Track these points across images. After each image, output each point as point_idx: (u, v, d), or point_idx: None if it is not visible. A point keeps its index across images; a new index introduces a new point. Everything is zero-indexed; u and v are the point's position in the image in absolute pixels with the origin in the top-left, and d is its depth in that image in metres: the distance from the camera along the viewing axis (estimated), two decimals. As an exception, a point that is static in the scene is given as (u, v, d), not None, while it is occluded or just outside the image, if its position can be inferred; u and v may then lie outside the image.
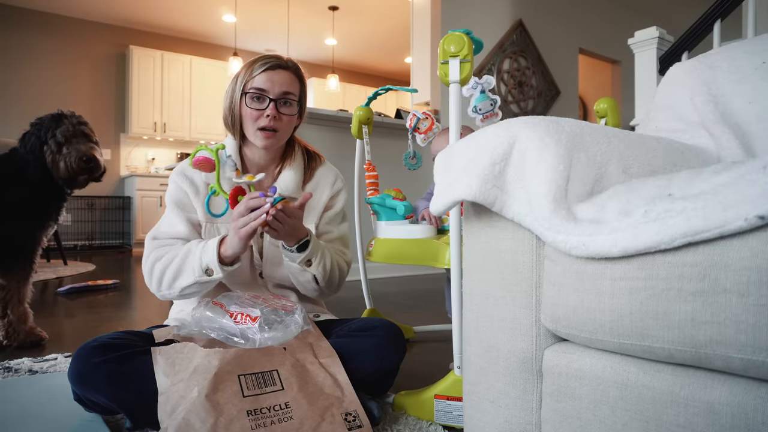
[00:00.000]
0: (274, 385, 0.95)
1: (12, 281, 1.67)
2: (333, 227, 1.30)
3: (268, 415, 0.91)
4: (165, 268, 1.11)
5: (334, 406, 0.95)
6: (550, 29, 4.96)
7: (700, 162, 0.78)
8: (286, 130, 1.18)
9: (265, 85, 1.12)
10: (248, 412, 0.90)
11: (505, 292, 0.64)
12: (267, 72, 1.12)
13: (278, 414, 0.91)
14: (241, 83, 1.14)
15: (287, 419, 0.91)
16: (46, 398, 1.16)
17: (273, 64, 1.13)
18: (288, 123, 1.17)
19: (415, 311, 2.33)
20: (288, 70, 1.15)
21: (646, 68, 2.67)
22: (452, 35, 1.01)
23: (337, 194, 1.30)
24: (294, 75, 1.17)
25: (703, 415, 0.47)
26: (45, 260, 4.30)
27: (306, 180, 1.25)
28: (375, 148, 1.71)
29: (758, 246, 0.42)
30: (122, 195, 6.18)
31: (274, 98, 1.12)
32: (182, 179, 1.18)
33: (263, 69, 1.12)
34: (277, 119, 1.13)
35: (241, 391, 0.92)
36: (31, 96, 5.71)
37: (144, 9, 5.89)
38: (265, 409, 0.91)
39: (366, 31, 6.61)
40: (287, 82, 1.14)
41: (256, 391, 0.93)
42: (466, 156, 0.65)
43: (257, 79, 1.12)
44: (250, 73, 1.13)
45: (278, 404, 0.93)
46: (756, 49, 0.85)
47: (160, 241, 1.16)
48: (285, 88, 1.13)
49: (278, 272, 1.20)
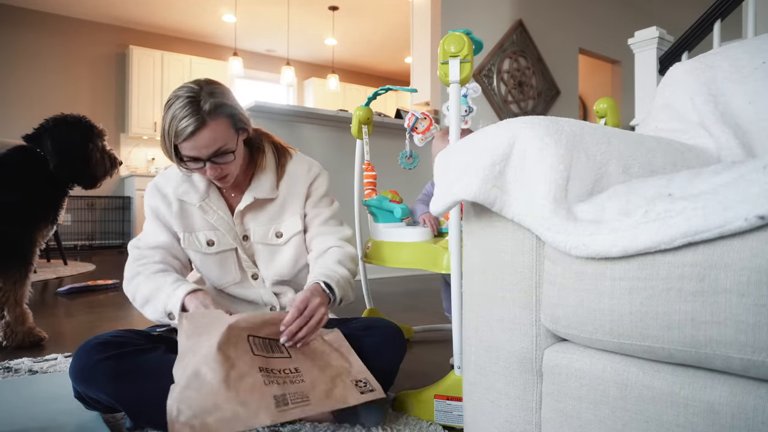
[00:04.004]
0: (281, 353, 0.95)
1: (9, 282, 1.67)
2: (323, 208, 1.27)
3: (279, 376, 0.89)
4: (136, 291, 1.12)
5: (343, 374, 0.95)
6: (550, 29, 4.96)
7: (700, 162, 0.78)
8: (234, 169, 1.14)
9: (192, 153, 1.06)
10: (260, 368, 0.88)
11: (505, 292, 0.64)
12: (189, 141, 1.04)
13: (289, 376, 0.89)
14: (171, 147, 1.06)
15: (299, 381, 0.89)
16: (46, 398, 1.16)
17: (191, 130, 1.03)
18: (233, 164, 1.12)
19: (415, 311, 2.32)
20: (207, 125, 1.04)
21: (646, 68, 2.67)
22: (452, 35, 1.01)
23: (314, 180, 1.26)
24: (216, 120, 1.05)
25: (703, 415, 0.47)
26: (45, 260, 4.30)
27: (279, 177, 1.23)
28: (375, 148, 1.71)
29: (758, 246, 0.42)
30: (122, 195, 6.18)
31: (206, 159, 1.07)
32: (156, 194, 1.19)
33: (185, 138, 1.04)
34: (220, 171, 1.10)
35: (251, 349, 0.92)
36: (31, 96, 5.71)
37: (144, 9, 5.89)
38: (275, 370, 0.90)
39: (366, 31, 6.61)
40: (212, 141, 1.05)
41: (265, 353, 0.93)
42: (466, 156, 0.65)
43: (184, 147, 1.06)
44: (174, 138, 1.04)
45: (288, 368, 0.91)
46: (756, 49, 0.85)
47: (141, 251, 1.17)
48: (212, 149, 1.06)
49: (273, 269, 1.21)
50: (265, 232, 1.21)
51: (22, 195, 1.65)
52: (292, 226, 1.22)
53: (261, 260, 1.21)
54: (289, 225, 1.22)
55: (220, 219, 1.18)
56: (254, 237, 1.20)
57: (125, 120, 6.26)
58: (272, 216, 1.21)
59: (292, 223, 1.23)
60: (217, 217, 1.18)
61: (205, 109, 1.03)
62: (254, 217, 1.20)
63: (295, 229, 1.22)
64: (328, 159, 3.08)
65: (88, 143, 1.76)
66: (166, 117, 1.05)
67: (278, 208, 1.22)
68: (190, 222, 1.19)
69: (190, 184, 1.18)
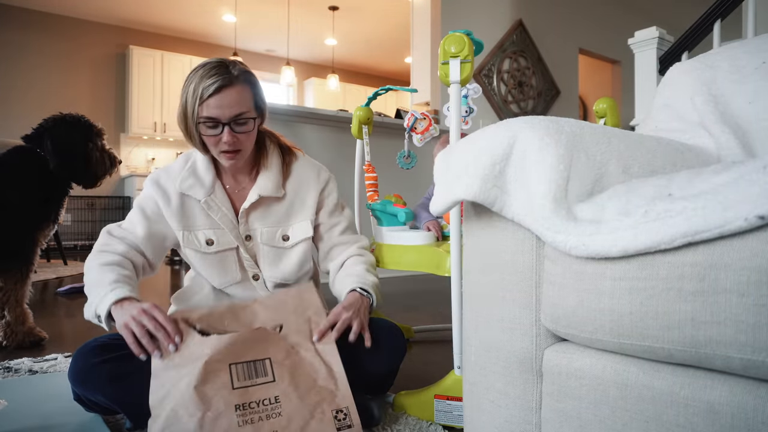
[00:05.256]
0: (265, 375, 0.94)
1: (9, 282, 1.67)
2: (338, 218, 1.27)
3: (256, 411, 0.90)
4: (85, 277, 1.07)
5: (326, 401, 0.94)
6: (550, 29, 4.96)
7: (700, 162, 0.78)
8: (249, 145, 1.14)
9: (214, 113, 1.05)
10: (236, 406, 0.90)
11: (505, 292, 0.64)
12: (214, 96, 1.05)
13: (267, 409, 0.91)
14: (192, 109, 1.07)
15: (275, 415, 0.90)
16: (46, 398, 1.16)
17: (219, 85, 1.04)
18: (247, 138, 1.12)
19: (415, 311, 2.32)
20: (234, 86, 1.06)
21: (646, 68, 2.67)
22: (453, 36, 1.01)
23: (325, 186, 1.26)
24: (243, 85, 1.08)
25: (703, 415, 0.47)
26: (45, 260, 4.30)
27: (284, 177, 1.22)
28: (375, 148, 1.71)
29: (758, 246, 0.42)
30: (122, 195, 6.18)
31: (226, 122, 1.07)
32: (155, 188, 1.16)
33: (210, 93, 1.05)
34: (235, 141, 1.09)
35: (231, 382, 0.92)
36: (31, 96, 5.71)
37: (144, 9, 5.89)
38: (254, 403, 0.91)
39: (366, 31, 6.61)
40: (237, 102, 1.06)
41: (247, 382, 0.93)
42: (466, 156, 0.65)
43: (206, 107, 1.05)
44: (198, 98, 1.05)
45: (268, 398, 0.92)
46: (756, 49, 0.85)
47: (111, 237, 1.13)
48: (236, 110, 1.06)
49: (278, 272, 1.20)
50: (272, 233, 1.19)
51: (23, 195, 1.65)
52: (301, 231, 1.21)
53: (265, 261, 1.20)
54: (297, 229, 1.21)
55: (224, 216, 1.16)
56: (260, 238, 1.18)
57: (125, 120, 6.26)
58: (280, 218, 1.20)
59: (301, 228, 1.21)
60: (221, 214, 1.16)
61: (233, 72, 1.07)
62: (260, 218, 1.19)
63: (305, 234, 1.21)
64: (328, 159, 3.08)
65: (87, 143, 1.77)
66: (190, 82, 1.07)
67: (286, 210, 1.21)
68: (189, 220, 1.16)
69: (195, 179, 1.16)
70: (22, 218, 1.66)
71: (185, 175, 1.16)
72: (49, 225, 1.75)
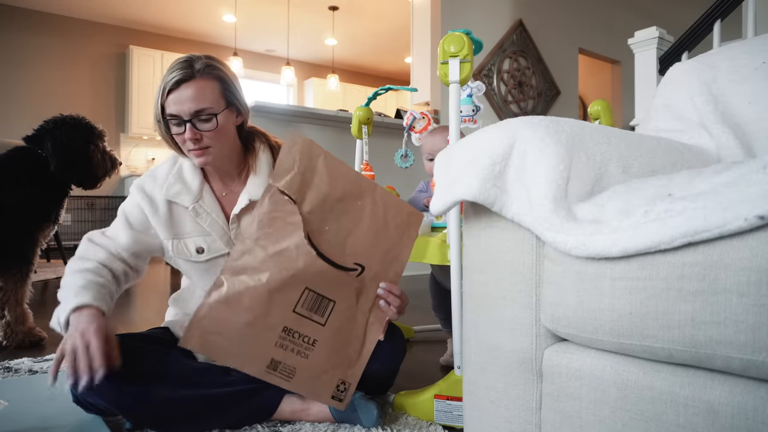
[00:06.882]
0: (321, 316, 0.98)
1: (9, 282, 1.68)
2: None
3: (294, 342, 0.96)
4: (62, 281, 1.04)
5: (340, 369, 0.99)
6: (550, 29, 4.96)
7: (700, 162, 0.78)
8: (218, 143, 1.07)
9: (174, 109, 1.02)
10: (285, 328, 0.94)
11: (505, 292, 0.64)
12: (174, 92, 1.01)
13: (302, 345, 0.96)
14: (158, 107, 1.04)
15: (304, 356, 0.96)
16: (46, 398, 1.16)
17: (178, 79, 1.01)
18: (215, 136, 1.05)
19: (415, 311, 2.32)
20: (196, 80, 1.02)
21: (646, 68, 2.66)
22: (452, 35, 1.01)
23: None
24: (206, 80, 1.03)
25: (703, 415, 0.47)
26: (45, 260, 4.30)
27: None
28: (375, 147, 1.71)
29: (758, 246, 0.42)
30: (122, 195, 6.17)
31: (187, 119, 1.02)
32: (141, 196, 1.11)
33: (170, 89, 1.01)
34: (198, 138, 1.04)
35: (296, 303, 0.95)
36: (31, 96, 5.71)
37: (144, 9, 5.89)
38: (297, 334, 0.96)
39: (366, 31, 6.61)
40: (196, 97, 1.01)
41: (306, 312, 0.96)
42: (466, 156, 0.65)
43: (168, 103, 1.02)
44: (161, 94, 1.02)
45: (309, 337, 0.97)
46: (756, 49, 0.85)
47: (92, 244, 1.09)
48: (195, 106, 1.01)
49: None
50: None
51: (23, 195, 1.66)
52: None
53: None
54: None
55: (213, 223, 1.12)
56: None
57: (125, 120, 6.26)
58: None
59: None
60: (210, 220, 1.11)
61: (195, 67, 1.03)
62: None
63: None
64: (328, 159, 3.07)
65: (88, 144, 1.77)
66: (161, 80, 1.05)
67: None
68: (178, 228, 1.12)
69: (182, 185, 1.11)
70: (23, 218, 1.66)
71: (171, 180, 1.12)
72: (50, 225, 1.75)
